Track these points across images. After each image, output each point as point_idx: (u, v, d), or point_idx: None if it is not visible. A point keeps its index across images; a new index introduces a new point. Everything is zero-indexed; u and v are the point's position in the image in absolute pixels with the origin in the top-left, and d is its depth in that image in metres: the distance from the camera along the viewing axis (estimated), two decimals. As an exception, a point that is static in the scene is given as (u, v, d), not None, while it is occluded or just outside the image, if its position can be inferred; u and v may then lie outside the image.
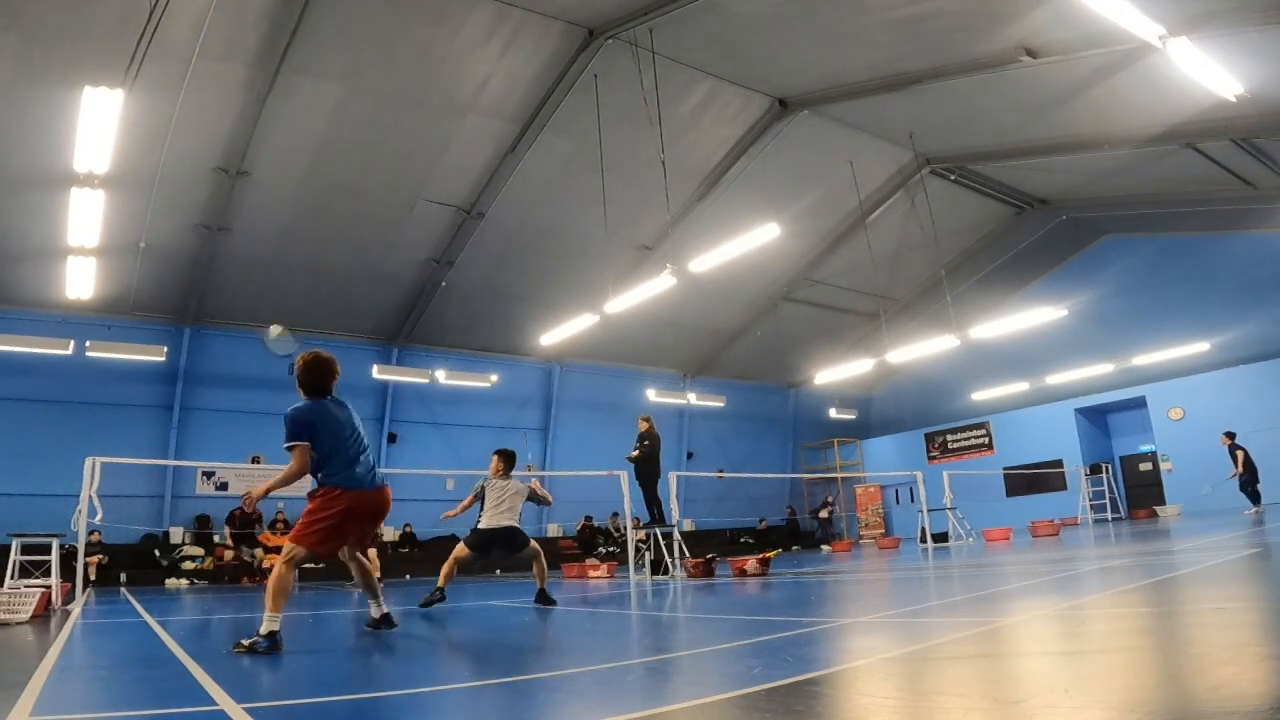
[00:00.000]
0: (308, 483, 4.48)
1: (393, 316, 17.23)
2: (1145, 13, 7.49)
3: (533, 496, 7.10)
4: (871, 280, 18.39)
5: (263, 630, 4.06)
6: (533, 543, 6.95)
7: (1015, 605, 4.83)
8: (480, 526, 6.76)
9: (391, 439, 17.70)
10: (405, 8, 10.63)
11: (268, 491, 4.36)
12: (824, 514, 22.85)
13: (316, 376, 4.55)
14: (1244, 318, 17.45)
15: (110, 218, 10.57)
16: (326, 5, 10.22)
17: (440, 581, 6.73)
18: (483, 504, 6.89)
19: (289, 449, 4.33)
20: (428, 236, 15.17)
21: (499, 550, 6.95)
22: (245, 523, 14.54)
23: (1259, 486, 13.98)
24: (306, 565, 14.89)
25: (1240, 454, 14.19)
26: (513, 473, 7.13)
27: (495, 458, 7.07)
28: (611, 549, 16.85)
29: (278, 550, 13.86)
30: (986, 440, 22.70)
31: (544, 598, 6.83)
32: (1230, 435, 14.54)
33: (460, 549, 6.79)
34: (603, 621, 5.66)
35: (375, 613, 5.04)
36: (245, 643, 4.06)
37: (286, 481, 4.35)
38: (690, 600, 6.96)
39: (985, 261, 20.30)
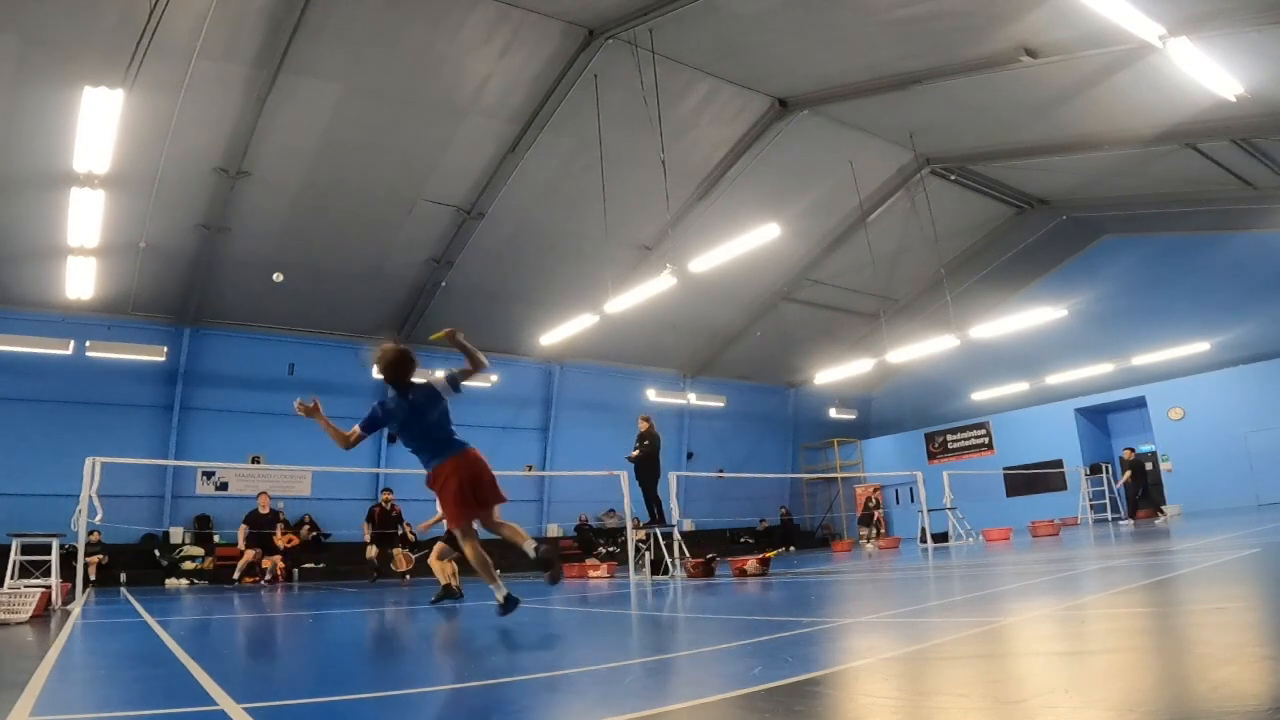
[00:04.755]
0: None
1: (393, 316, 17.21)
2: (1145, 13, 7.51)
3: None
4: (871, 280, 18.40)
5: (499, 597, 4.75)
6: None
7: (1015, 605, 4.83)
8: None
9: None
10: (405, 8, 10.63)
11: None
12: (827, 527, 22.77)
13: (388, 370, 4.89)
14: (1244, 318, 17.45)
15: (110, 218, 10.57)
16: (326, 5, 10.22)
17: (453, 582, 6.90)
18: None
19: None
20: (428, 236, 15.16)
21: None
22: (386, 520, 13.16)
23: (1139, 497, 16.12)
24: (307, 565, 14.77)
25: (1128, 472, 16.31)
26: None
27: None
28: (611, 549, 16.84)
29: (279, 551, 13.85)
30: (986, 440, 22.69)
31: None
32: (1131, 450, 16.73)
33: (442, 547, 7.15)
34: (602, 622, 5.66)
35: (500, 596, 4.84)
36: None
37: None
38: (690, 600, 6.96)
39: (985, 261, 20.30)
